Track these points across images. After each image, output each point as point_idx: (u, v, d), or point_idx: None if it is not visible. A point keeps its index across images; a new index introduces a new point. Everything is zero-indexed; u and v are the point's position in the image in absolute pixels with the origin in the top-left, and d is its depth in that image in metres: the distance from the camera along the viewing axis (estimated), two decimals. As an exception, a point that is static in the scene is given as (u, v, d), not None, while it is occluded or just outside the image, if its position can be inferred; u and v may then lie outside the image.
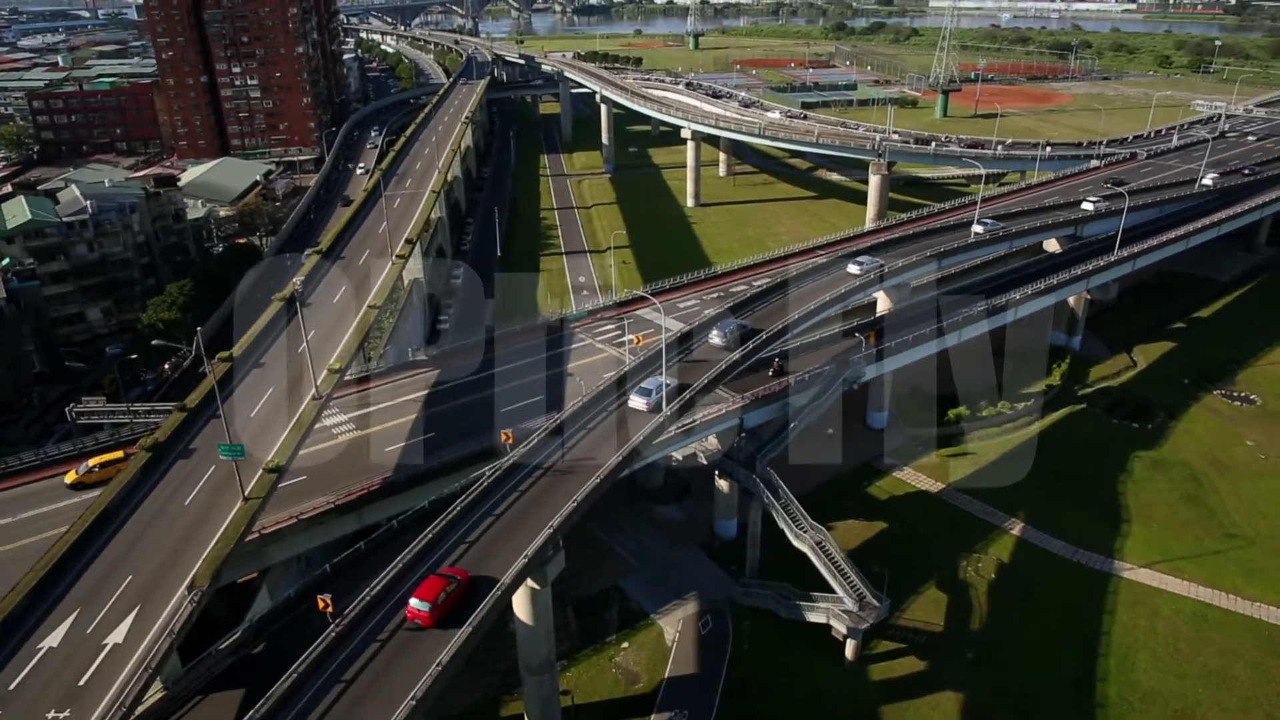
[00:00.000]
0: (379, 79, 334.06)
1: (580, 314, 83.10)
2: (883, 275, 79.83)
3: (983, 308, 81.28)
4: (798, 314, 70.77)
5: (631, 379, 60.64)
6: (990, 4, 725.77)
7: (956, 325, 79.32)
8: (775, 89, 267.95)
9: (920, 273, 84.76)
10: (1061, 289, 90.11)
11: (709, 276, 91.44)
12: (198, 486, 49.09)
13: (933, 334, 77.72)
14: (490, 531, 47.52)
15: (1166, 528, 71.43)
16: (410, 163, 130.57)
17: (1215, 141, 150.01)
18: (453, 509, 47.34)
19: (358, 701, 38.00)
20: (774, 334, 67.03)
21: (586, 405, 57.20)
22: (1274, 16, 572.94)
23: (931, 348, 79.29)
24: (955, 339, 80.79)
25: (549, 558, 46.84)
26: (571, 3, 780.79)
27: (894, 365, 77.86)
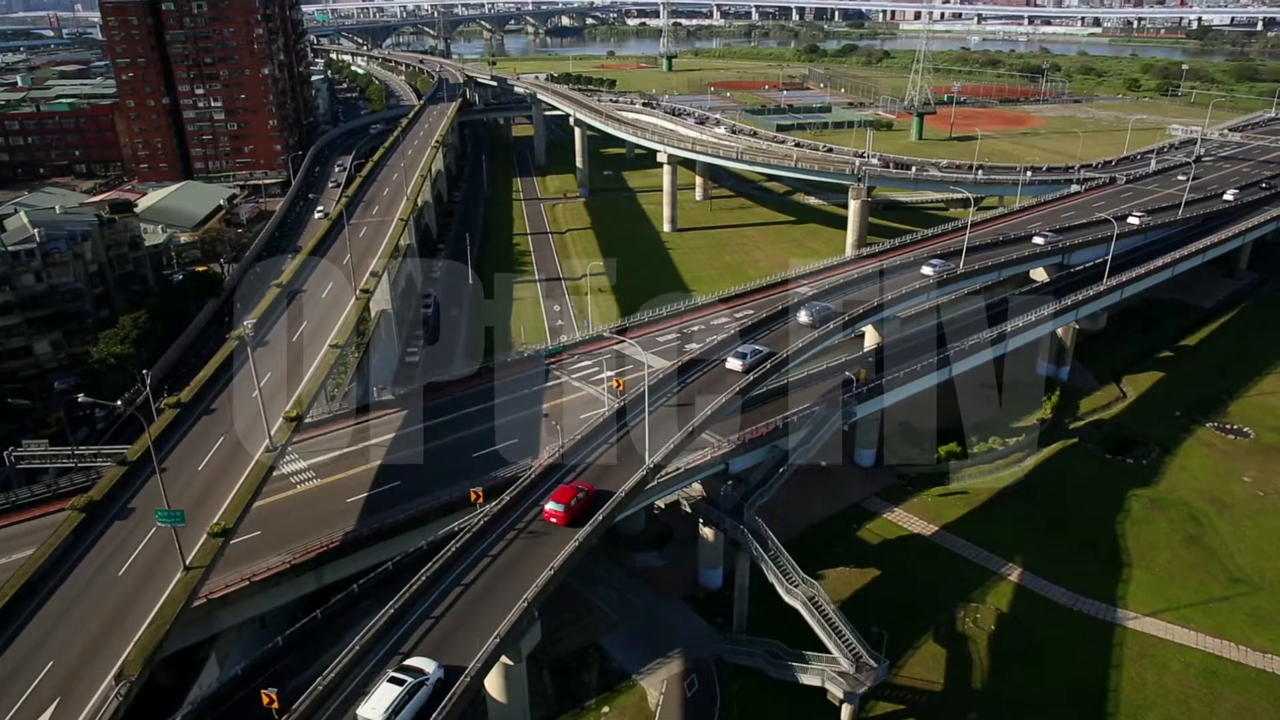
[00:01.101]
0: (349, 100, 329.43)
1: (555, 349, 79.31)
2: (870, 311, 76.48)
3: (974, 341, 78.41)
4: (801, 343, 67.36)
5: (611, 425, 56.73)
6: (959, 27, 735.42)
7: (949, 360, 76.30)
8: (750, 111, 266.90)
9: (911, 304, 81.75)
10: (1055, 319, 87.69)
11: (689, 309, 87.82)
12: (135, 553, 44.52)
13: (925, 369, 74.65)
14: (459, 604, 43.30)
15: (1169, 572, 68.53)
16: (378, 189, 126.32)
17: (1188, 166, 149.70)
18: (417, 579, 43.07)
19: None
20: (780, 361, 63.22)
21: (564, 456, 53.09)
22: (1233, 41, 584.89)
23: (924, 383, 76.19)
24: (948, 373, 77.77)
25: (524, 631, 42.71)
26: (544, 24, 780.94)
27: (885, 403, 74.60)
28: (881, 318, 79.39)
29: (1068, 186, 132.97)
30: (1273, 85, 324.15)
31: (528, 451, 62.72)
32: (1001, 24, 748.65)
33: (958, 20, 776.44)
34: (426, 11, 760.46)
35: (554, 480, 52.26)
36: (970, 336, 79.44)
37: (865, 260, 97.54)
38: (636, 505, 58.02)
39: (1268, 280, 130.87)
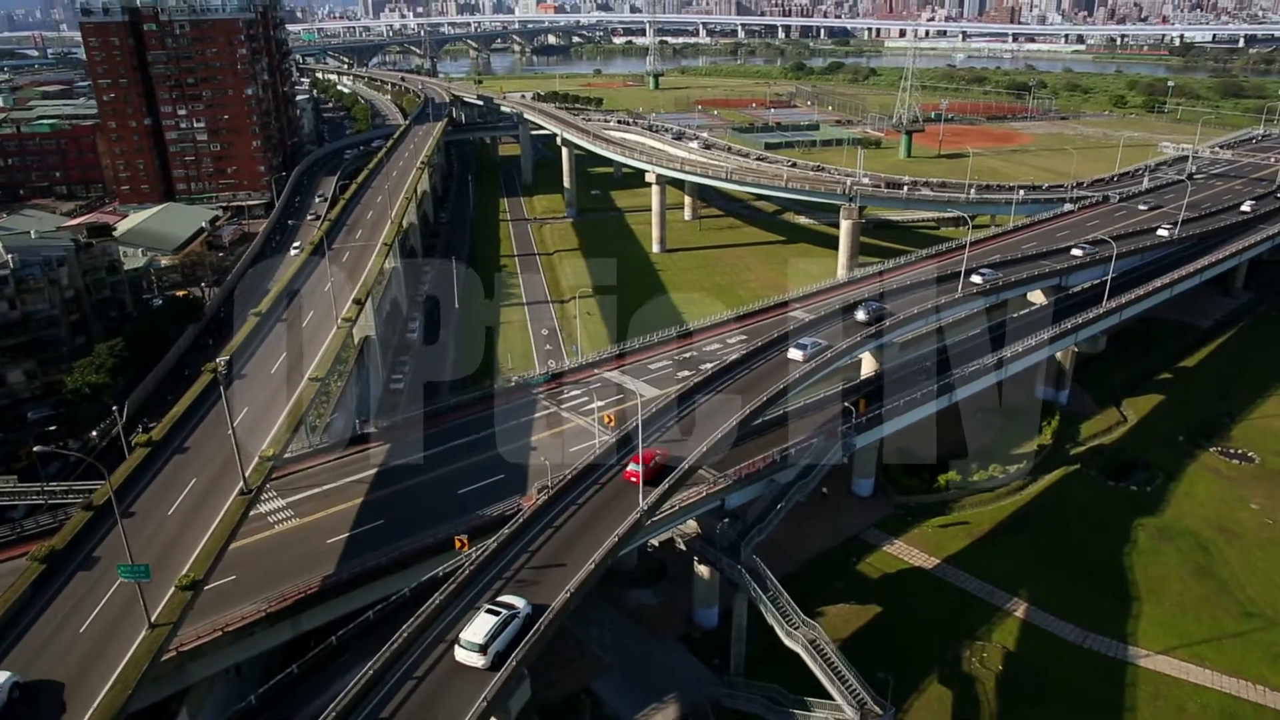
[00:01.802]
0: (335, 120, 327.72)
1: (544, 378, 76.91)
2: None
3: (975, 367, 76.50)
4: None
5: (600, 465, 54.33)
6: (944, 45, 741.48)
7: (949, 386, 74.31)
8: (738, 130, 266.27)
9: (910, 330, 79.78)
10: (1056, 342, 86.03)
11: (681, 334, 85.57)
12: (98, 607, 41.71)
13: (925, 397, 72.64)
14: (444, 662, 40.69)
15: (1180, 606, 66.41)
16: (361, 212, 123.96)
17: (1181, 183, 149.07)
18: (396, 638, 40.40)
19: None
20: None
21: (554, 498, 50.60)
22: (1216, 58, 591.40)
23: (924, 410, 74.12)
24: (947, 400, 75.76)
25: (513, 690, 40.10)
26: (530, 43, 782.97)
27: (884, 432, 72.47)
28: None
29: (1061, 205, 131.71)
30: (1257, 101, 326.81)
31: (515, 488, 60.25)
32: (986, 41, 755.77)
33: (942, 38, 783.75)
34: (413, 31, 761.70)
35: (543, 525, 49.68)
36: (970, 362, 77.48)
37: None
38: (633, 544, 55.58)
39: (1264, 299, 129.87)
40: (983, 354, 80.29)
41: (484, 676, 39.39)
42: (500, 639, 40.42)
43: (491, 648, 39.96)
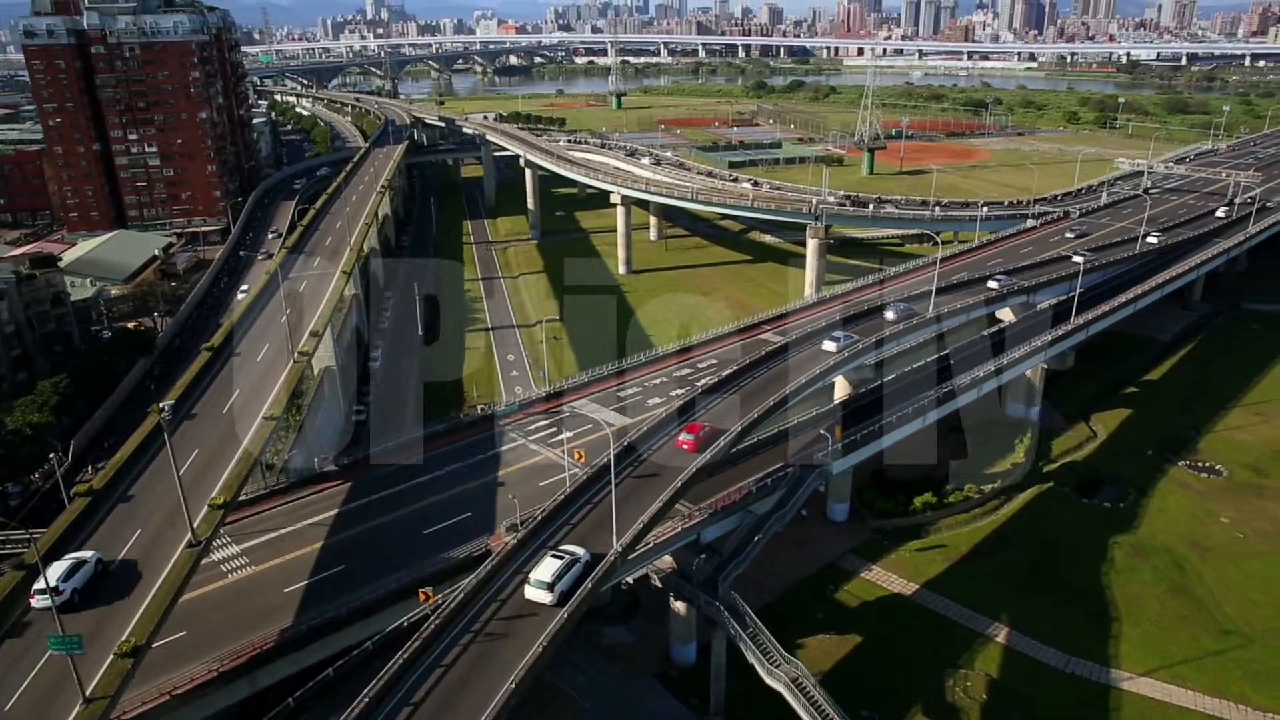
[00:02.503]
0: (294, 143, 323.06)
1: (510, 408, 74.81)
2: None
3: (949, 388, 75.75)
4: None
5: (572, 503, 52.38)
6: (901, 62, 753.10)
7: (924, 408, 73.42)
8: (702, 149, 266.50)
9: (886, 350, 78.98)
10: (1029, 358, 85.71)
11: (649, 360, 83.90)
12: (28, 679, 38.67)
13: (901, 420, 71.64)
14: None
15: (1159, 626, 65.73)
16: (320, 238, 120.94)
17: (1140, 198, 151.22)
18: (357, 705, 37.91)
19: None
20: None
21: (524, 541, 48.45)
22: (1161, 75, 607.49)
23: (901, 433, 73.15)
24: (921, 422, 74.87)
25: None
26: (492, 64, 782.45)
27: (861, 457, 71.34)
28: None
29: (1024, 221, 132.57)
30: (1202, 117, 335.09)
31: (483, 526, 58.03)
32: (942, 59, 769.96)
33: (900, 56, 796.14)
34: (373, 52, 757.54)
35: (512, 572, 47.51)
36: (945, 382, 76.77)
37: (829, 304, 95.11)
38: (607, 584, 53.58)
39: (1220, 311, 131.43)
40: (957, 374, 79.61)
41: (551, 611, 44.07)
42: (565, 579, 45.31)
43: (558, 586, 44.75)
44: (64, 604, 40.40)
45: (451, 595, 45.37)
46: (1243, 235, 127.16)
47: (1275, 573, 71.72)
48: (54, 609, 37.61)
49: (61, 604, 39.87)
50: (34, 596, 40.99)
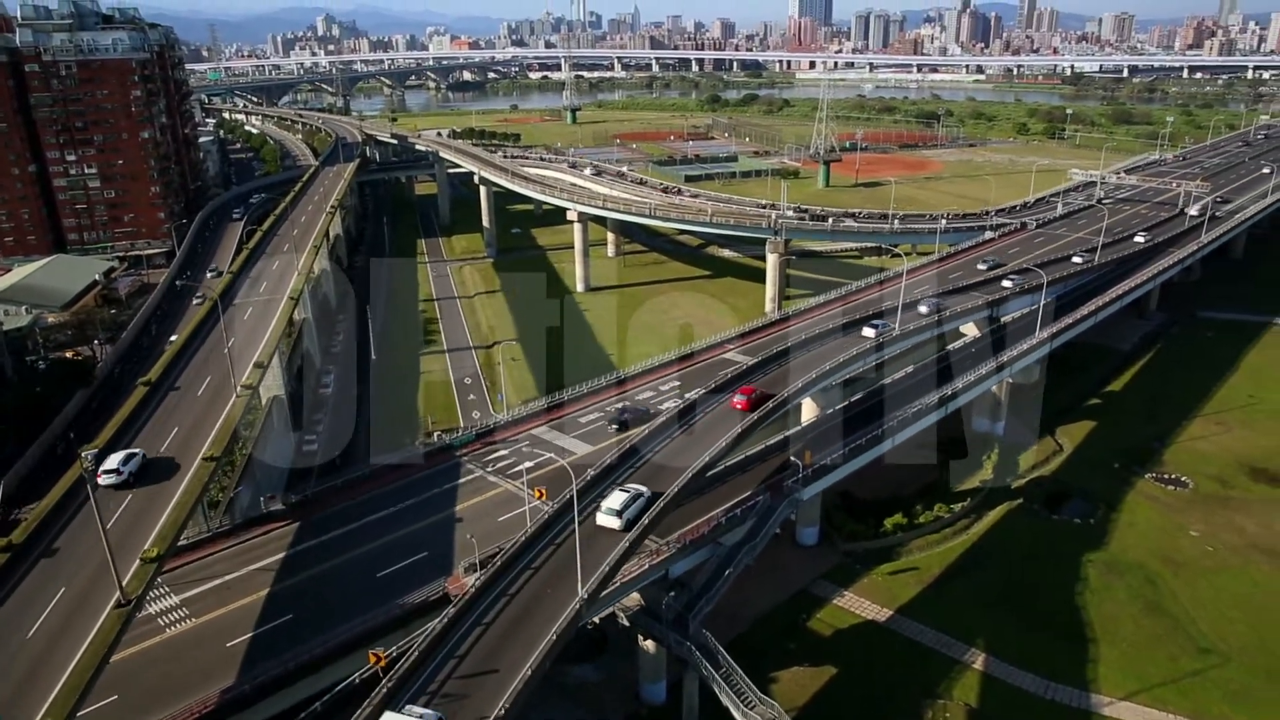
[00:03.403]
0: (243, 162, 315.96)
1: (467, 438, 71.82)
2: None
3: (916, 408, 74.38)
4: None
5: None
6: (853, 75, 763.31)
7: (894, 428, 71.93)
8: (657, 163, 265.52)
9: (855, 369, 77.39)
10: (995, 374, 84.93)
11: (610, 384, 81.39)
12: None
13: (871, 441, 70.06)
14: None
15: (1136, 647, 64.63)
16: (266, 263, 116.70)
17: (1094, 209, 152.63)
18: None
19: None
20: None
21: (482, 589, 45.52)
22: (1104, 87, 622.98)
23: (870, 455, 71.59)
24: (890, 443, 73.39)
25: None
26: (445, 79, 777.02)
27: (833, 480, 69.54)
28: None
29: (982, 233, 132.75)
30: (1145, 128, 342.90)
31: (440, 567, 55.00)
32: (892, 72, 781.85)
33: (851, 69, 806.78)
34: (324, 69, 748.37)
35: (470, 623, 44.52)
36: (912, 402, 75.44)
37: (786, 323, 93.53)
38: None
39: (1176, 320, 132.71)
40: (923, 391, 78.44)
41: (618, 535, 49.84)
42: (631, 509, 51.27)
43: (626, 513, 50.76)
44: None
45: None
46: (1196, 244, 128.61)
47: (1247, 588, 71.30)
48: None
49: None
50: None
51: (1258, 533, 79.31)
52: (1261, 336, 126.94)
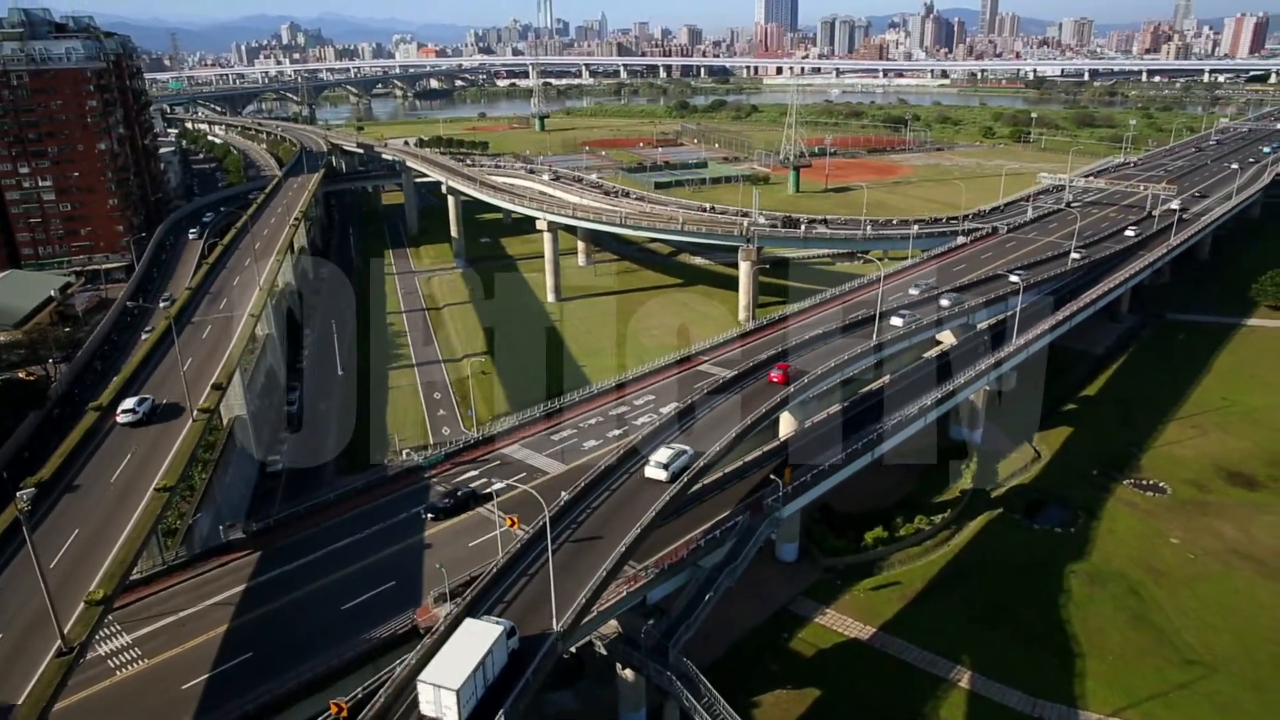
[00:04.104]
0: (206, 172, 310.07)
1: (437, 458, 69.39)
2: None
3: (896, 419, 73.13)
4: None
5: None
6: (819, 81, 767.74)
7: (873, 442, 70.57)
8: (627, 170, 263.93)
9: (832, 381, 76.04)
10: (975, 381, 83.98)
11: (584, 399, 79.24)
12: None
13: (851, 456, 68.66)
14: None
15: (1122, 660, 63.68)
16: (228, 277, 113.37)
17: (1063, 212, 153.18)
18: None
19: None
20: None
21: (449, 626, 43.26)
22: (1066, 91, 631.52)
23: (851, 469, 70.16)
24: (869, 457, 72.04)
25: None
26: (412, 87, 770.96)
27: (813, 496, 67.99)
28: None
29: (955, 238, 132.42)
30: (1108, 130, 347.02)
31: (409, 598, 52.63)
32: (859, 77, 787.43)
33: (817, 74, 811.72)
34: (290, 77, 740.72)
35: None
36: (894, 413, 74.20)
37: (762, 332, 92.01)
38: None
39: (1147, 323, 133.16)
40: (905, 400, 77.30)
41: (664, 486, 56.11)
42: (676, 464, 57.58)
43: (671, 467, 56.97)
44: None
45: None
46: (1165, 247, 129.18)
47: (1229, 596, 70.73)
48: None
49: None
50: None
51: (1237, 538, 78.96)
52: (1230, 338, 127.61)
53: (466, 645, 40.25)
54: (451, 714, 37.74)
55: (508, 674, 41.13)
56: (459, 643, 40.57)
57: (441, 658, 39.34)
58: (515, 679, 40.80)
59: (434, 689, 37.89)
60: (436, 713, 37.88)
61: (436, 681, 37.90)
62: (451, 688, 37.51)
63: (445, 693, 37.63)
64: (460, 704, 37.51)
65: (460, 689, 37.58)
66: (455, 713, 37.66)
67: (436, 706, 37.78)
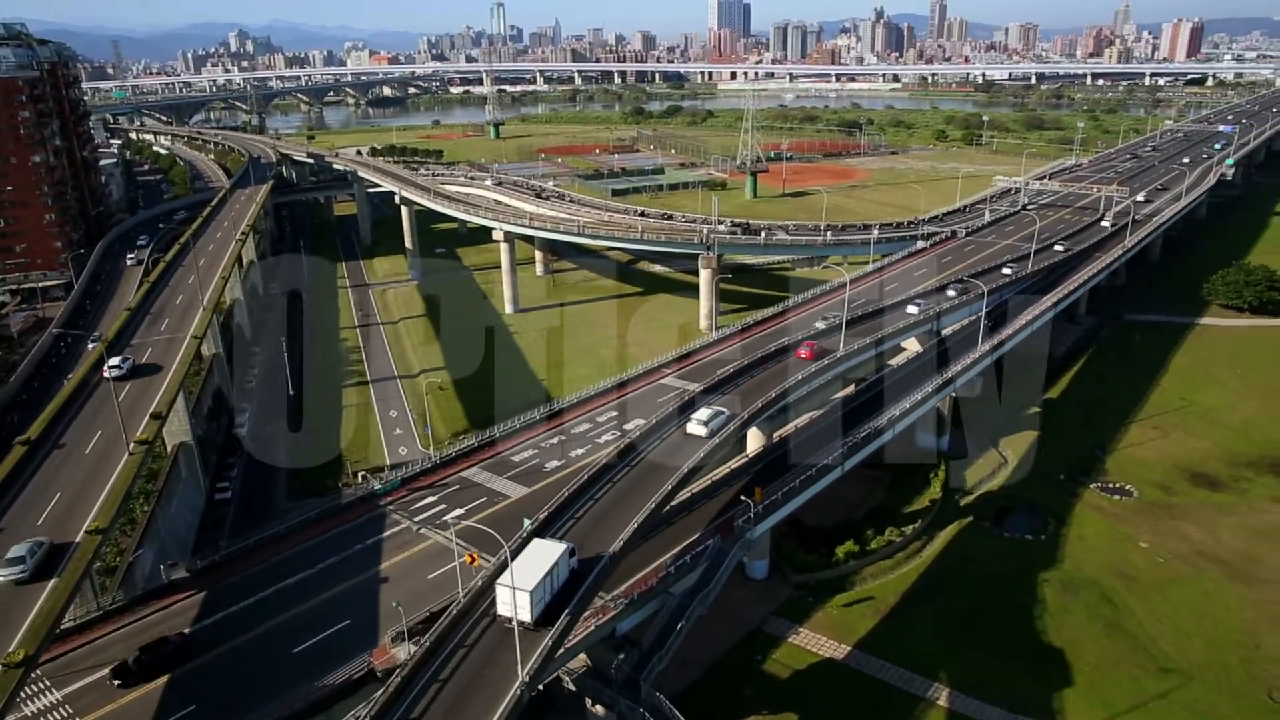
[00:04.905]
0: (151, 184, 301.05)
1: (393, 484, 66.44)
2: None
3: (866, 431, 71.75)
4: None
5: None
6: (773, 85, 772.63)
7: (843, 455, 69.06)
8: (583, 177, 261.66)
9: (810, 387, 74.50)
10: (941, 391, 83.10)
11: (545, 416, 76.65)
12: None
13: (820, 471, 67.04)
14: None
15: (1099, 670, 62.80)
16: (170, 296, 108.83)
17: (1019, 215, 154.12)
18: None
19: None
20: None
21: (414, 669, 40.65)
22: (1014, 94, 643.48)
23: (821, 485, 68.54)
24: (839, 471, 70.56)
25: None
26: (365, 95, 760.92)
27: (783, 514, 66.25)
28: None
29: (914, 243, 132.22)
30: (1057, 132, 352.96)
31: (365, 639, 49.74)
32: (812, 81, 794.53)
33: (771, 79, 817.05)
34: (238, 85, 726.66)
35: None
36: (863, 425, 72.86)
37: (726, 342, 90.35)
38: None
39: (1104, 324, 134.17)
40: (874, 410, 76.05)
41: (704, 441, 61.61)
42: (715, 422, 63.46)
43: (711, 424, 62.72)
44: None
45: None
46: (1121, 249, 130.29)
47: (1200, 600, 70.46)
48: None
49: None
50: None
51: (1204, 540, 78.95)
52: (1185, 338, 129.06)
53: (536, 558, 46.67)
54: (525, 612, 43.89)
55: (569, 585, 47.32)
56: (529, 557, 46.90)
57: (515, 567, 44.65)
58: (576, 589, 46.94)
59: (510, 591, 43.79)
60: (512, 611, 43.36)
61: (513, 585, 43.67)
62: (526, 589, 43.78)
63: (520, 594, 43.75)
64: (533, 603, 44.03)
65: (533, 590, 44.02)
66: (529, 611, 43.95)
67: (512, 606, 43.47)
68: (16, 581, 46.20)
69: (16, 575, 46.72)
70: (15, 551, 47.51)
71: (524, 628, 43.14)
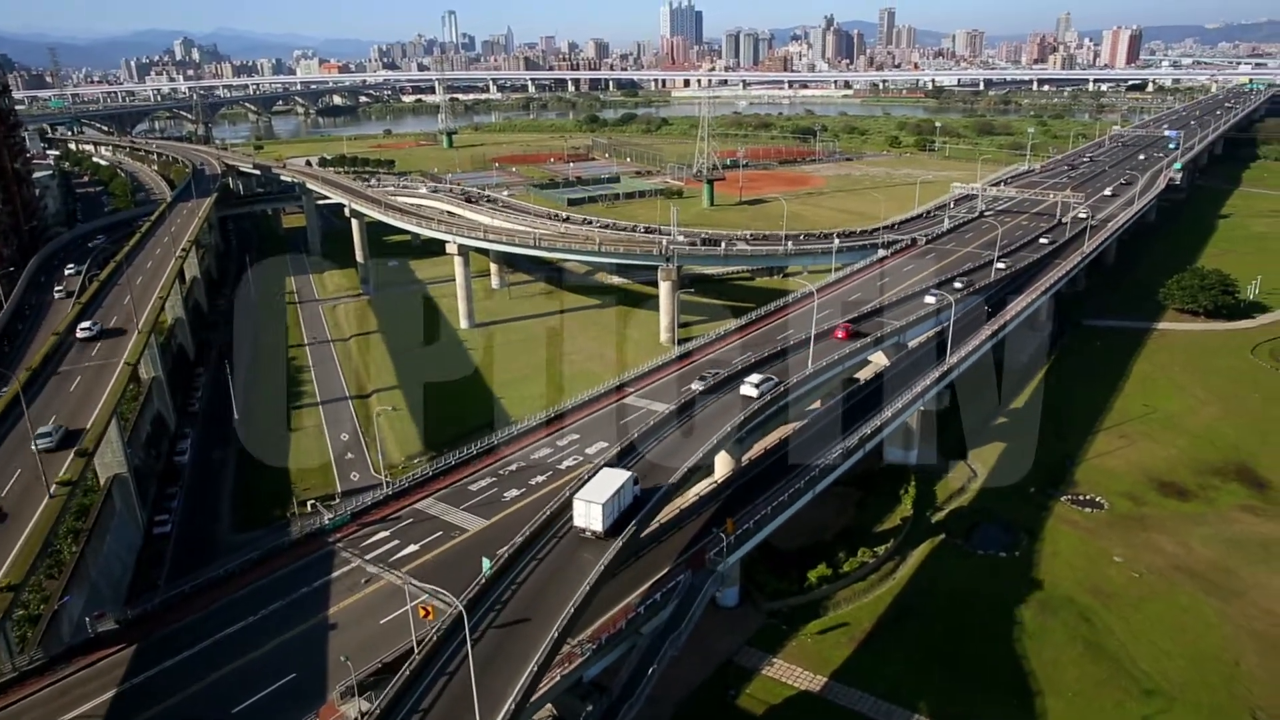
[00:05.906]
0: (91, 196, 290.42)
1: (342, 519, 62.46)
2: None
3: (838, 451, 69.47)
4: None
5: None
6: (726, 93, 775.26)
7: (815, 478, 66.65)
8: (538, 186, 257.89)
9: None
10: (911, 404, 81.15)
11: (505, 440, 73.15)
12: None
13: (794, 496, 64.55)
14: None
15: (1081, 695, 60.98)
16: (104, 316, 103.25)
17: (978, 221, 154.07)
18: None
19: None
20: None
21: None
22: (964, 100, 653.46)
23: (794, 508, 66.01)
24: (810, 494, 68.14)
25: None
26: (315, 104, 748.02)
27: (755, 543, 63.58)
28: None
29: (875, 251, 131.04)
30: (1007, 138, 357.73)
31: (312, 692, 45.93)
32: (765, 89, 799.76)
33: (724, 86, 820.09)
34: (184, 94, 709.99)
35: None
36: (832, 445, 70.59)
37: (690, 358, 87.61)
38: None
39: (1064, 330, 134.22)
40: (836, 430, 73.84)
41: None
42: (764, 385, 72.17)
43: (761, 388, 71.67)
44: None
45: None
46: (1080, 255, 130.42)
47: (1177, 615, 69.20)
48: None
49: None
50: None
51: (1176, 552, 77.95)
52: (1145, 343, 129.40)
53: (605, 481, 54.58)
54: (597, 523, 51.82)
55: (633, 508, 54.94)
56: (599, 479, 54.87)
57: (589, 486, 53.48)
58: (639, 510, 54.77)
59: (585, 504, 52.19)
60: (586, 522, 52.10)
61: (588, 498, 52.24)
62: (598, 502, 51.85)
63: (594, 506, 51.92)
64: (604, 515, 51.60)
65: (605, 504, 51.82)
66: (600, 521, 51.72)
67: (587, 517, 51.93)
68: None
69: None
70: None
71: (596, 537, 51.24)
